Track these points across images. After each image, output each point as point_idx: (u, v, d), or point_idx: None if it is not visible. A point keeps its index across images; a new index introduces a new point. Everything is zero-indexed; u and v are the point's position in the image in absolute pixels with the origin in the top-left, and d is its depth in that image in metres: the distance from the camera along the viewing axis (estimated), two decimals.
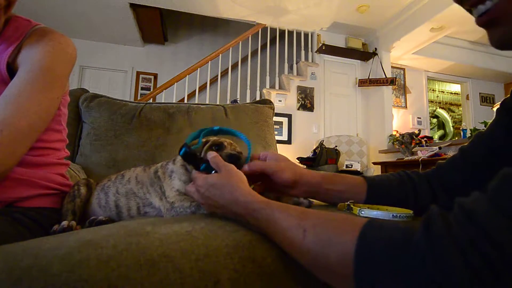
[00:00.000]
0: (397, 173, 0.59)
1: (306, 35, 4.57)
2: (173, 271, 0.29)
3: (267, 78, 4.30)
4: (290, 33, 4.54)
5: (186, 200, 0.62)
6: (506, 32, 0.33)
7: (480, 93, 5.60)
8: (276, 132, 2.15)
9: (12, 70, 0.63)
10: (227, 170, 0.48)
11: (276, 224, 0.37)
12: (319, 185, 0.58)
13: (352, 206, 0.53)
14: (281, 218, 0.37)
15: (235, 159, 0.64)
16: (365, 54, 4.55)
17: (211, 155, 0.52)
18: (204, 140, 0.70)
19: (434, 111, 5.78)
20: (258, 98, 3.78)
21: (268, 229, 0.38)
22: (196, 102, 3.25)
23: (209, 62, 4.06)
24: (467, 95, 5.55)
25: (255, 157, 0.61)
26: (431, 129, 5.38)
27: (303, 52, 4.44)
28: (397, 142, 3.64)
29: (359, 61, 4.73)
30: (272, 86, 4.35)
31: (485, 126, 2.74)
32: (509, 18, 0.32)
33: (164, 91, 3.88)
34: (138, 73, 5.12)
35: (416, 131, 3.69)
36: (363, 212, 0.49)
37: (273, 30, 4.46)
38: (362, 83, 4.47)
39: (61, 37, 0.68)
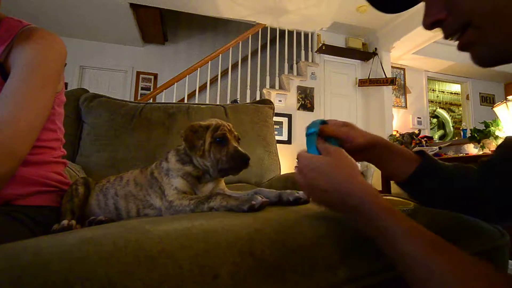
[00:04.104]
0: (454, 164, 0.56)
1: (306, 35, 4.57)
2: (172, 267, 0.30)
3: (267, 78, 4.30)
4: (290, 33, 4.54)
5: (185, 199, 0.62)
6: (480, 53, 0.38)
7: (480, 93, 5.60)
8: (276, 132, 2.15)
9: (5, 70, 0.63)
10: (336, 152, 0.43)
11: (395, 242, 0.32)
12: (389, 147, 0.54)
13: None
14: (405, 239, 0.32)
15: (241, 162, 0.63)
16: (365, 54, 4.55)
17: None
18: (206, 123, 0.70)
19: (434, 111, 5.78)
20: (258, 98, 3.78)
21: (382, 239, 0.34)
22: (196, 102, 3.26)
23: (209, 62, 4.06)
24: (467, 95, 5.55)
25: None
26: (431, 129, 5.37)
27: (303, 52, 4.44)
28: (397, 142, 3.63)
29: (359, 61, 4.73)
30: (272, 86, 4.35)
31: (485, 126, 2.74)
32: (480, 42, 0.36)
33: (164, 91, 3.88)
34: (138, 73, 5.13)
35: (416, 131, 3.70)
36: None
37: (273, 30, 4.46)
38: (362, 83, 4.47)
39: (48, 35, 0.68)
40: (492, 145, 2.64)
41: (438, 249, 0.30)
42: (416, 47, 4.32)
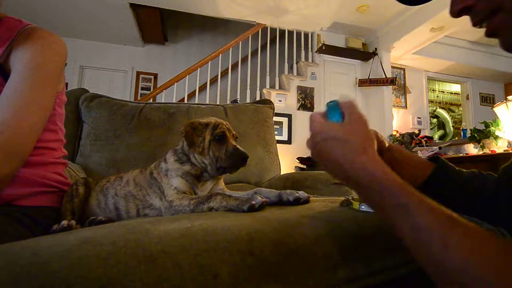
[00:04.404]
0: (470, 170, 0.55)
1: (306, 35, 4.57)
2: (172, 267, 0.29)
3: (267, 78, 4.29)
4: (290, 33, 4.54)
5: (185, 199, 0.62)
6: (509, 39, 0.36)
7: (480, 93, 5.60)
8: (276, 132, 2.16)
9: (5, 71, 0.63)
10: (357, 122, 0.40)
11: (409, 217, 0.31)
12: (403, 151, 0.54)
13: (351, 200, 0.52)
14: (420, 214, 0.31)
15: (240, 160, 0.64)
16: (365, 54, 4.55)
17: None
18: (205, 121, 0.70)
19: (434, 111, 5.78)
20: (258, 98, 3.78)
21: (395, 216, 0.33)
22: (196, 102, 3.26)
23: (209, 62, 4.06)
24: (467, 95, 5.55)
25: None
26: (431, 129, 5.37)
27: (303, 52, 4.44)
28: (397, 142, 3.63)
29: (359, 61, 4.73)
30: (272, 86, 4.35)
31: (485, 126, 2.74)
32: (505, 29, 0.35)
33: (164, 91, 3.88)
34: (138, 73, 5.13)
35: (416, 131, 3.70)
36: (363, 207, 0.49)
37: (273, 30, 4.46)
38: (362, 83, 4.47)
39: (49, 35, 0.67)
40: (492, 145, 2.64)
41: (454, 223, 0.30)
42: (416, 47, 4.32)
